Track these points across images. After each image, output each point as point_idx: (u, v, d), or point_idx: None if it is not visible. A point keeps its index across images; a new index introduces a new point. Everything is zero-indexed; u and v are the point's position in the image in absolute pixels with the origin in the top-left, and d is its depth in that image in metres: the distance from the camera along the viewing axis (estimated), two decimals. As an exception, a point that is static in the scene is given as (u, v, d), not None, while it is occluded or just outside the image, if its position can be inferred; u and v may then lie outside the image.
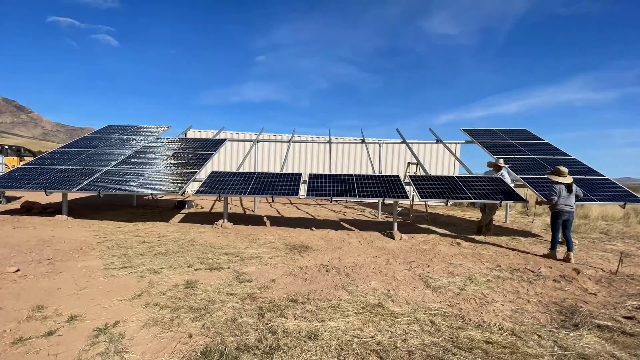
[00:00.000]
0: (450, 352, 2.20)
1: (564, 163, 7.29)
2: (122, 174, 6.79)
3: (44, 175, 6.77)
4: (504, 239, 6.15)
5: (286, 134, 13.18)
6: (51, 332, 2.26)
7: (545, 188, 6.18)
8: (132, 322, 2.45)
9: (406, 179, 6.81)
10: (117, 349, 2.11)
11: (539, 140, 8.62)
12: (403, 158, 13.32)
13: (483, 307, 2.98)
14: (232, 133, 13.13)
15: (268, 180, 6.57)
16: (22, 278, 3.23)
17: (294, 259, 4.30)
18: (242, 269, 3.77)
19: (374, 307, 2.89)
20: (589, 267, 4.37)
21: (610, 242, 6.19)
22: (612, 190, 6.12)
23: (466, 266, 4.24)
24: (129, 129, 9.92)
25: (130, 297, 2.88)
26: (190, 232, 5.67)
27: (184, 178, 6.55)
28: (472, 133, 9.06)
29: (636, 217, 9.20)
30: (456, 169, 13.33)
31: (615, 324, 2.71)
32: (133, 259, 3.99)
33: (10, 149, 15.07)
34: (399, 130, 9.81)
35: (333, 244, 5.30)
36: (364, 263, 4.24)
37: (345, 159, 13.34)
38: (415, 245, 5.40)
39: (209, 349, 2.13)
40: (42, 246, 4.38)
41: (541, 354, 2.23)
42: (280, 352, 2.13)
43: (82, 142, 8.84)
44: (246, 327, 2.43)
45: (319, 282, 3.47)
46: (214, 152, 8.01)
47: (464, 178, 6.65)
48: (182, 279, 3.37)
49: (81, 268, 3.61)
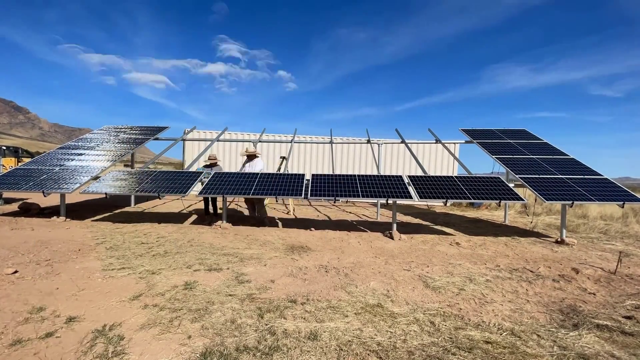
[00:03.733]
0: (450, 352, 2.20)
1: (563, 163, 7.33)
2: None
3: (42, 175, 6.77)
4: (503, 239, 6.16)
5: (285, 134, 13.18)
6: (49, 334, 2.25)
7: (545, 188, 6.20)
8: (131, 324, 2.44)
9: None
10: (115, 350, 2.10)
11: (537, 140, 8.63)
12: (402, 158, 13.34)
13: (482, 307, 2.98)
14: (236, 133, 13.13)
15: (271, 180, 6.56)
16: (20, 279, 3.22)
17: (293, 260, 4.30)
18: (241, 270, 3.77)
19: (374, 307, 2.89)
20: (588, 266, 4.38)
21: (609, 241, 6.20)
22: (610, 190, 6.13)
23: (465, 266, 4.25)
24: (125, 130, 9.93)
25: (129, 298, 2.87)
26: (189, 233, 5.66)
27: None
28: (471, 133, 9.08)
29: (635, 216, 9.24)
30: (455, 169, 13.35)
31: (614, 323, 2.72)
32: (132, 260, 3.98)
33: (7, 149, 15.02)
34: (397, 130, 9.82)
35: (332, 244, 5.30)
36: (363, 263, 4.24)
37: (345, 159, 13.34)
38: (414, 245, 5.40)
39: (208, 350, 2.12)
40: (40, 247, 4.36)
41: (540, 353, 2.23)
42: (279, 352, 2.13)
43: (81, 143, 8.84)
44: (245, 328, 2.42)
45: (318, 283, 3.46)
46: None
47: (462, 178, 6.66)
48: (181, 280, 3.36)
49: (79, 269, 3.60)
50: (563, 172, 6.86)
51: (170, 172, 6.93)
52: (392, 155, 13.38)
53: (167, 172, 6.93)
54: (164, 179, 6.56)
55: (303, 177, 6.70)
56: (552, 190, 6.11)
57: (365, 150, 13.08)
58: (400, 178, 6.69)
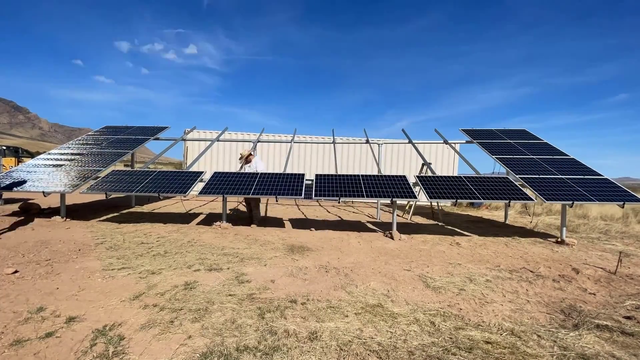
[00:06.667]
0: (450, 352, 2.20)
1: (563, 163, 7.33)
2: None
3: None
4: (503, 239, 6.16)
5: (285, 134, 13.19)
6: (50, 334, 2.25)
7: (545, 188, 6.20)
8: (131, 324, 2.44)
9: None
10: (115, 350, 2.10)
11: (537, 140, 8.63)
12: (402, 158, 13.35)
13: (482, 307, 2.98)
14: (236, 133, 13.14)
15: (271, 180, 6.56)
16: (20, 279, 3.22)
17: (294, 260, 4.30)
18: (241, 270, 3.77)
19: (374, 307, 2.89)
20: (588, 266, 4.38)
21: (610, 242, 6.21)
22: (611, 190, 6.13)
23: (465, 266, 4.25)
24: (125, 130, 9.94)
25: (129, 298, 2.87)
26: (189, 233, 5.66)
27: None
28: (471, 133, 9.08)
29: (635, 217, 9.24)
30: (455, 168, 13.35)
31: (614, 323, 2.71)
32: (132, 260, 3.98)
33: (8, 149, 15.04)
34: (404, 130, 9.82)
35: (332, 244, 5.30)
36: (363, 263, 4.24)
37: (345, 159, 13.34)
38: (414, 245, 5.40)
39: (209, 350, 2.12)
40: (40, 247, 4.36)
41: (541, 353, 2.23)
42: (280, 352, 2.12)
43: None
44: (246, 328, 2.42)
45: (318, 283, 3.46)
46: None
47: (471, 178, 6.65)
48: (181, 280, 3.36)
49: (80, 269, 3.60)
50: (563, 172, 6.86)
51: (171, 172, 6.94)
52: (393, 155, 13.39)
53: (167, 172, 6.93)
54: (164, 178, 6.56)
55: (303, 177, 6.69)
56: (552, 190, 6.11)
57: (365, 150, 13.08)
58: (404, 178, 6.68)
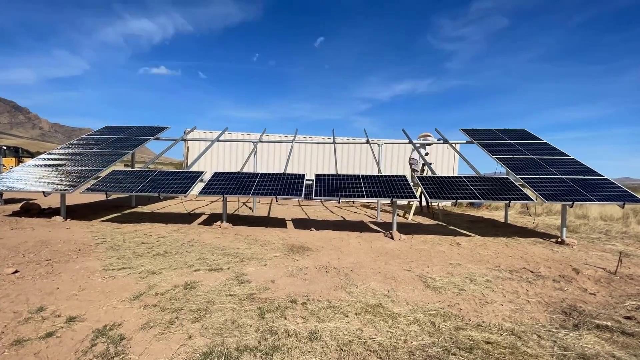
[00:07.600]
0: (450, 352, 2.20)
1: (563, 163, 7.33)
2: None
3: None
4: (504, 239, 6.16)
5: (285, 134, 13.19)
6: (50, 334, 2.25)
7: (546, 188, 6.20)
8: (131, 324, 2.44)
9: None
10: (116, 350, 2.10)
11: (537, 140, 8.63)
12: (402, 158, 13.34)
13: (483, 308, 2.98)
14: (236, 134, 13.14)
15: (271, 180, 6.55)
16: (21, 279, 3.22)
17: (294, 260, 4.30)
18: (241, 270, 3.77)
19: (374, 307, 2.89)
20: (589, 267, 4.37)
21: (610, 242, 6.20)
22: (611, 191, 6.13)
23: (466, 266, 4.24)
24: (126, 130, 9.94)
25: (130, 298, 2.88)
26: (189, 233, 5.66)
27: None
28: (471, 133, 9.07)
29: (635, 217, 9.23)
30: (455, 168, 13.35)
31: (614, 324, 2.72)
32: (132, 260, 3.98)
33: (8, 149, 15.04)
34: (404, 130, 9.81)
35: (332, 244, 5.29)
36: (363, 263, 4.24)
37: (345, 159, 13.35)
38: (414, 245, 5.40)
39: (209, 350, 2.12)
40: (41, 247, 4.36)
41: (541, 354, 2.23)
42: (280, 352, 2.13)
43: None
44: (246, 328, 2.42)
45: (318, 283, 3.46)
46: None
47: (471, 178, 6.65)
48: (182, 280, 3.36)
49: (80, 269, 3.60)
50: (563, 172, 6.86)
51: (171, 172, 6.94)
52: (393, 155, 13.39)
53: (167, 172, 6.94)
54: (165, 178, 6.56)
55: (303, 177, 6.69)
56: (552, 191, 6.10)
57: (366, 150, 13.08)
58: (404, 178, 6.68)
